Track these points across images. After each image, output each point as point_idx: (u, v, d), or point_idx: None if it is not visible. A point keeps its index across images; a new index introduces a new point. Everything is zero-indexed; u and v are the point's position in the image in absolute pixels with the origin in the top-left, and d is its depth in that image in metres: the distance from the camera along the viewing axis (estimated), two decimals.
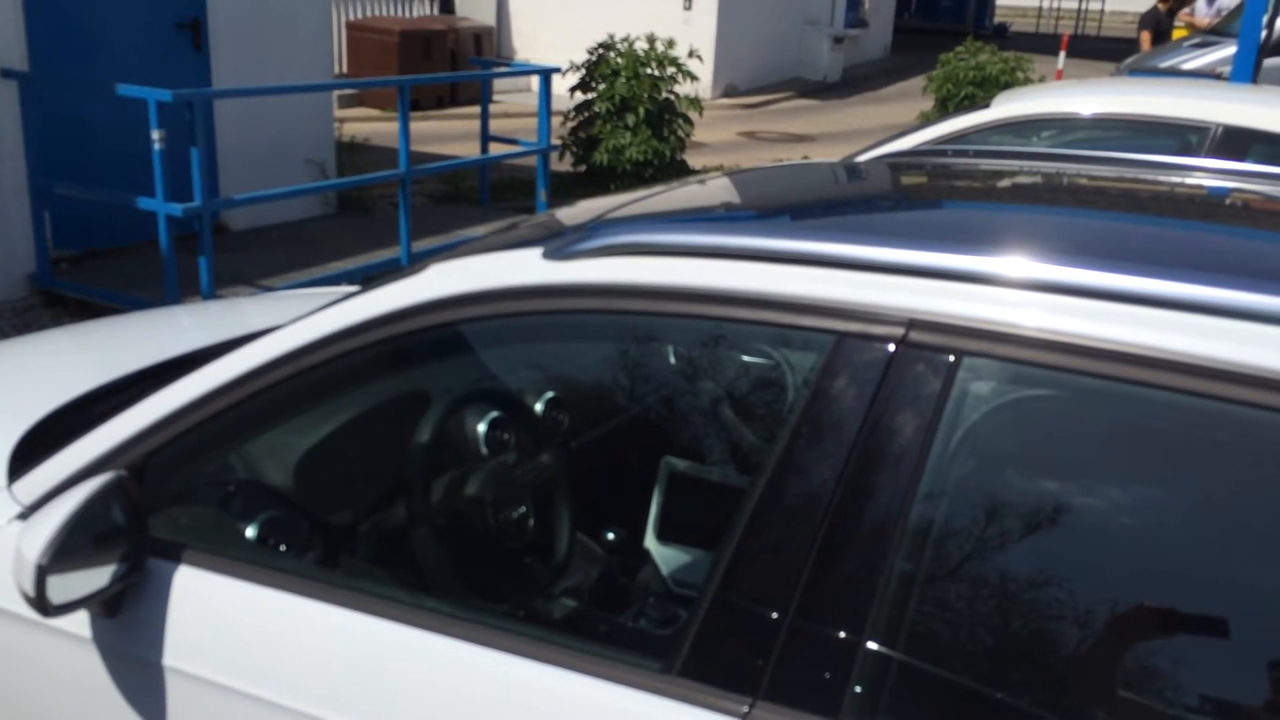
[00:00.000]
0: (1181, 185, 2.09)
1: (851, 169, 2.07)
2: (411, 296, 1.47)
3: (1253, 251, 1.34)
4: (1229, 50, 8.27)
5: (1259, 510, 1.85)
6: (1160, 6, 13.01)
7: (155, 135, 4.85)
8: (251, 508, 1.72)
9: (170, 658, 1.51)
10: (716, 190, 1.97)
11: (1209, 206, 1.93)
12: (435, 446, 1.85)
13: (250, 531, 1.69)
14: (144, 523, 1.51)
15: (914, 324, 1.21)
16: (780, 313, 1.27)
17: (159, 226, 5.00)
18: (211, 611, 1.52)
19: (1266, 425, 1.08)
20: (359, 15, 12.94)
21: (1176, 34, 13.17)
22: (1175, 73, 9.51)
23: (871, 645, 1.16)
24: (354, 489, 1.96)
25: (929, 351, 1.19)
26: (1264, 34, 7.40)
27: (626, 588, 2.15)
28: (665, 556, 2.19)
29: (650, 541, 2.20)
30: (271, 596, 1.49)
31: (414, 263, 1.61)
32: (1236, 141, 3.63)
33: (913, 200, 1.93)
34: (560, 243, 1.44)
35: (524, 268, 1.43)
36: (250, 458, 1.83)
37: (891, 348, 1.21)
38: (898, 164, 2.22)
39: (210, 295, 5.12)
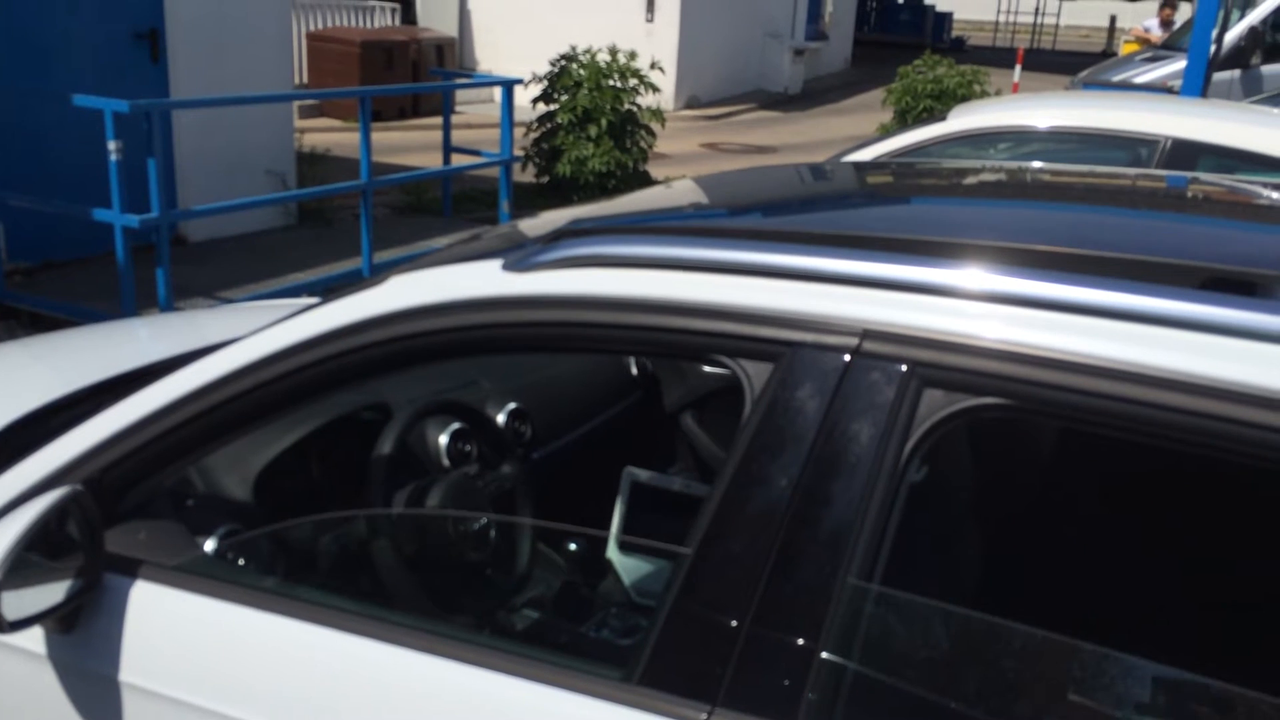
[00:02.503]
0: (1140, 187, 2.13)
1: (811, 176, 2.10)
2: (371, 308, 1.47)
3: (1205, 254, 1.37)
4: (1180, 64, 8.43)
5: (1213, 518, 1.90)
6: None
7: (112, 146, 4.80)
8: (210, 522, 1.71)
9: (127, 674, 1.50)
10: (677, 199, 1.99)
11: (1166, 206, 1.97)
12: (396, 459, 1.85)
13: (209, 545, 1.68)
14: (100, 538, 1.50)
15: (868, 334, 1.23)
16: (736, 323, 1.28)
17: (115, 238, 4.94)
18: (169, 626, 1.51)
19: (1221, 436, 1.10)
20: (320, 25, 12.88)
21: (1127, 48, 13.42)
22: (1128, 86, 9.69)
23: (827, 653, 1.17)
24: (314, 502, 1.95)
25: (883, 361, 1.21)
26: (1213, 48, 7.57)
27: (589, 598, 2.16)
28: (627, 567, 2.20)
29: (612, 552, 2.21)
30: (230, 611, 1.48)
31: (376, 274, 1.62)
32: (1185, 154, 3.71)
33: (869, 208, 1.96)
34: (520, 254, 1.45)
35: (484, 279, 1.43)
36: (209, 471, 1.82)
37: (846, 358, 1.23)
38: (857, 170, 2.25)
39: (168, 307, 5.07)
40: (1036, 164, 2.64)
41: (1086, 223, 1.69)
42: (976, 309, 1.20)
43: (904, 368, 1.20)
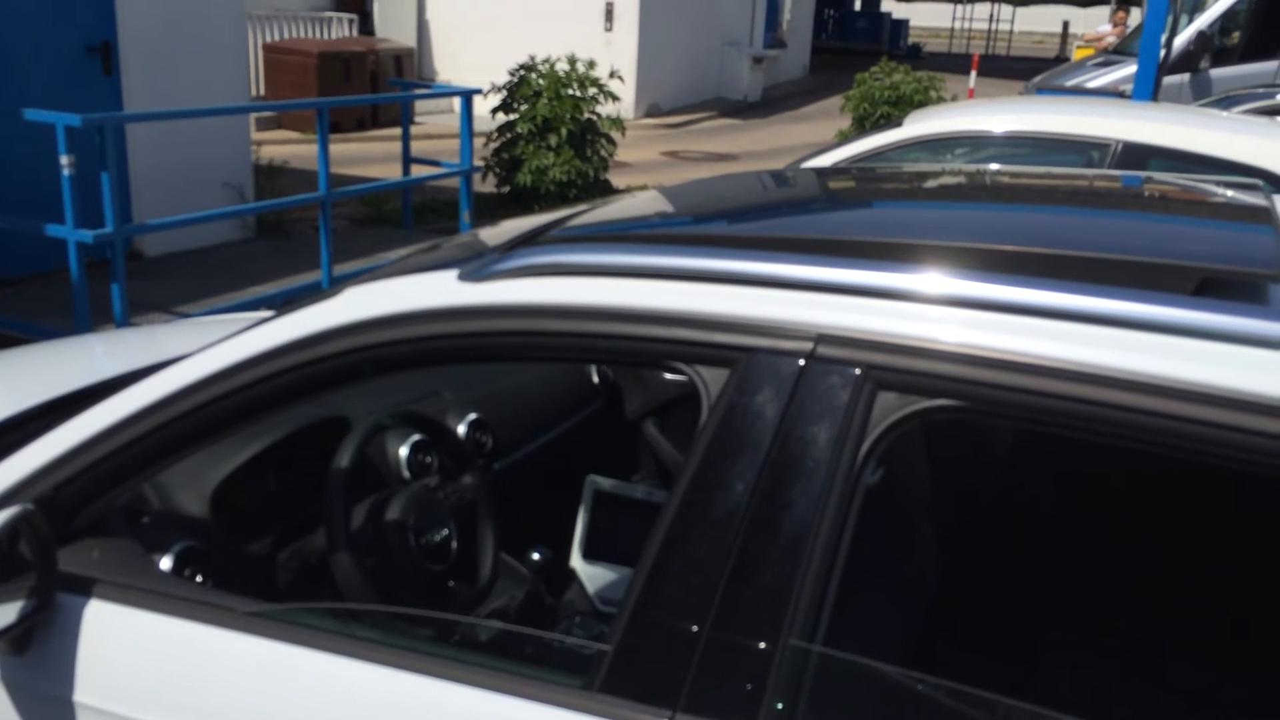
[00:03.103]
0: (1088, 188, 2.16)
1: (768, 182, 2.12)
2: (326, 320, 1.46)
3: (1152, 253, 1.39)
4: (1131, 69, 8.57)
5: (1168, 516, 1.93)
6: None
7: (65, 161, 4.74)
8: (166, 538, 1.69)
9: (82, 694, 1.48)
10: (636, 208, 1.99)
11: (1116, 206, 2.00)
12: (355, 471, 1.83)
13: (165, 563, 1.66)
14: (53, 557, 1.48)
15: (822, 338, 1.24)
16: (692, 329, 1.29)
17: (69, 254, 4.88)
18: (125, 646, 1.49)
19: (1174, 435, 1.12)
20: (276, 36, 12.78)
21: (1080, 53, 13.62)
22: (1080, 91, 9.83)
23: (788, 656, 1.18)
24: (273, 516, 1.94)
25: (837, 365, 1.23)
26: (1163, 53, 7.70)
27: (553, 607, 2.15)
28: (591, 575, 2.20)
29: (576, 561, 2.21)
30: (187, 629, 1.47)
31: (335, 287, 1.61)
32: (1135, 156, 3.77)
33: (824, 213, 1.98)
34: (476, 264, 1.45)
35: (440, 290, 1.43)
36: (164, 488, 1.80)
37: (801, 362, 1.24)
38: (813, 176, 2.27)
39: (124, 323, 5.01)
40: (988, 167, 2.67)
41: (1036, 224, 1.72)
42: (928, 312, 1.22)
43: (858, 371, 1.21)
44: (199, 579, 1.69)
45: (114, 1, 6.27)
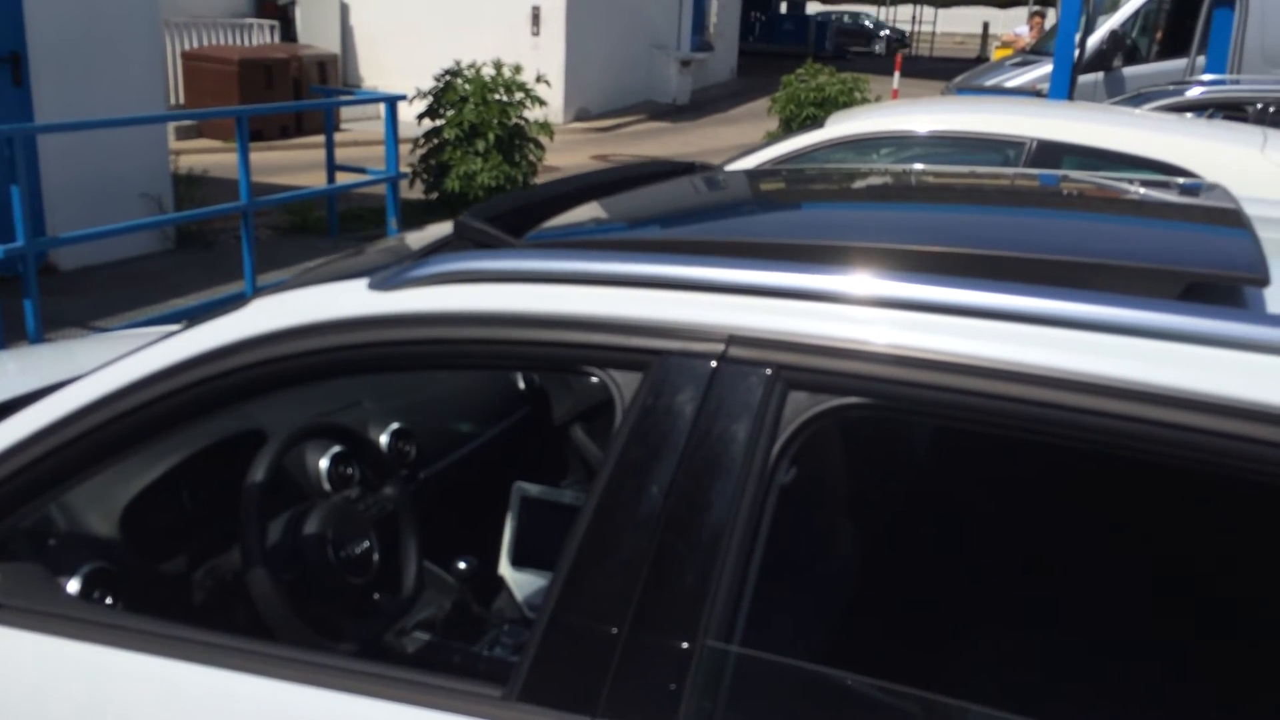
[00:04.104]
0: (1018, 185, 2.21)
1: (687, 185, 2.12)
2: (233, 333, 1.43)
3: (1053, 249, 1.42)
4: (1047, 68, 8.77)
5: (1084, 510, 1.97)
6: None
7: None
8: (73, 561, 1.64)
9: None
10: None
11: (1024, 203, 2.04)
12: (272, 485, 1.80)
13: (72, 585, 1.61)
14: None
15: (733, 339, 1.24)
16: (604, 334, 1.29)
17: None
18: (30, 672, 1.44)
19: (1084, 428, 1.13)
20: (195, 44, 12.54)
21: (999, 53, 13.91)
22: (999, 90, 10.04)
23: (706, 656, 1.18)
24: (188, 534, 1.89)
25: (748, 365, 1.23)
26: (1077, 53, 7.89)
27: (481, 616, 2.13)
28: (520, 582, 2.18)
29: (504, 568, 2.19)
30: (97, 653, 1.43)
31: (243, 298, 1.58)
32: (1049, 154, 3.85)
33: (739, 215, 1.99)
34: (387, 273, 1.43)
35: (350, 299, 1.41)
36: (71, 508, 1.75)
37: (712, 364, 1.24)
38: (732, 178, 2.28)
39: (38, 339, 4.87)
40: (902, 168, 2.71)
41: (945, 224, 1.74)
42: (838, 311, 1.23)
43: (769, 371, 1.22)
44: (109, 601, 1.65)
45: (22, 12, 6.10)
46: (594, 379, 1.33)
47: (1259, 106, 5.89)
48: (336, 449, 2.11)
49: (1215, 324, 1.12)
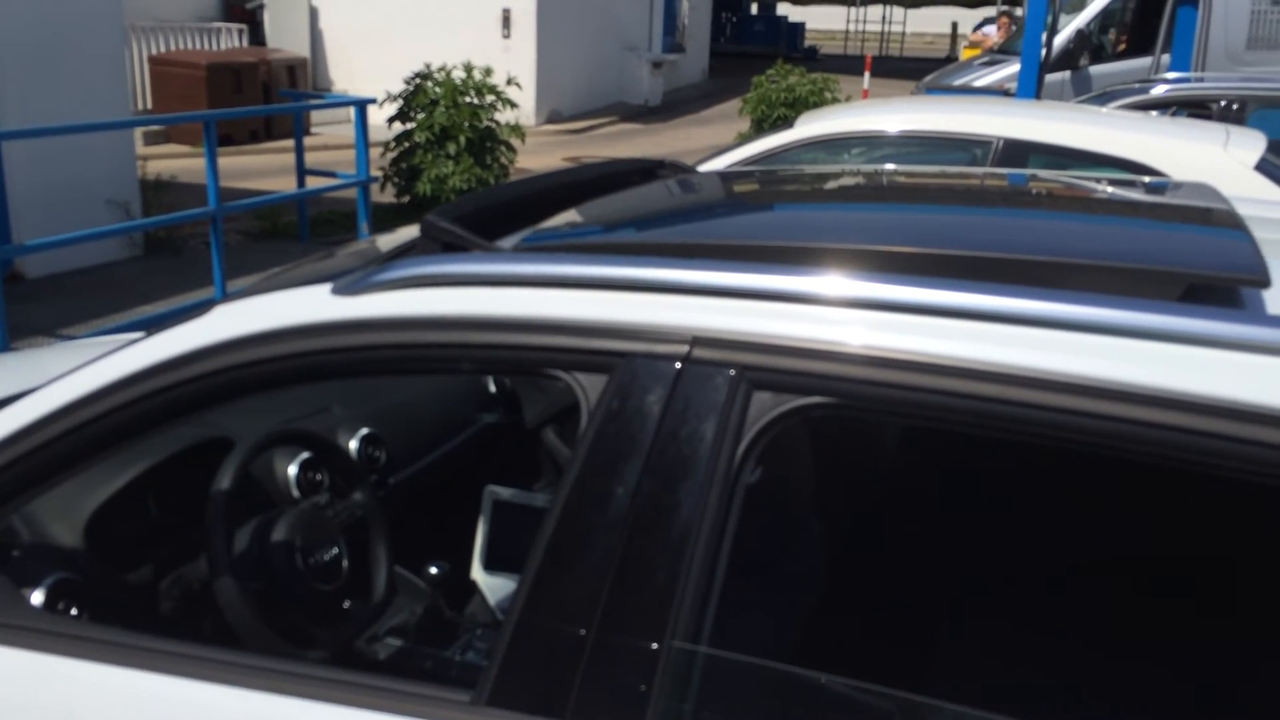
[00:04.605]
0: (962, 186, 2.22)
1: (655, 187, 2.12)
2: (195, 340, 1.42)
3: (1014, 248, 1.43)
4: (1015, 67, 8.83)
5: (1053, 503, 1.99)
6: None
7: None
8: (37, 571, 1.63)
9: None
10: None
11: (988, 203, 2.06)
12: (240, 492, 1.79)
13: (37, 597, 1.60)
14: None
15: (697, 340, 1.25)
16: (569, 336, 1.29)
17: None
18: None
19: (1045, 425, 1.14)
20: (162, 48, 12.42)
21: (967, 53, 14.01)
22: (968, 90, 10.11)
23: (674, 656, 1.18)
24: (155, 543, 1.88)
25: (712, 366, 1.23)
26: (1044, 52, 7.96)
27: (453, 621, 2.12)
28: (492, 586, 2.17)
29: (477, 572, 2.18)
30: (63, 665, 1.41)
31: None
32: (1015, 153, 3.89)
33: (705, 216, 1.99)
34: (350, 277, 1.43)
35: (313, 305, 1.40)
36: (35, 518, 1.73)
37: (677, 365, 1.25)
38: (701, 179, 2.29)
39: (4, 348, 4.81)
40: (868, 168, 2.72)
41: (910, 224, 1.75)
42: (801, 311, 1.23)
43: (733, 372, 1.23)
44: (74, 612, 1.63)
45: None
46: (559, 382, 1.33)
47: (1222, 104, 5.96)
48: (305, 455, 2.09)
49: (1209, 325, 1.12)
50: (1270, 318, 1.18)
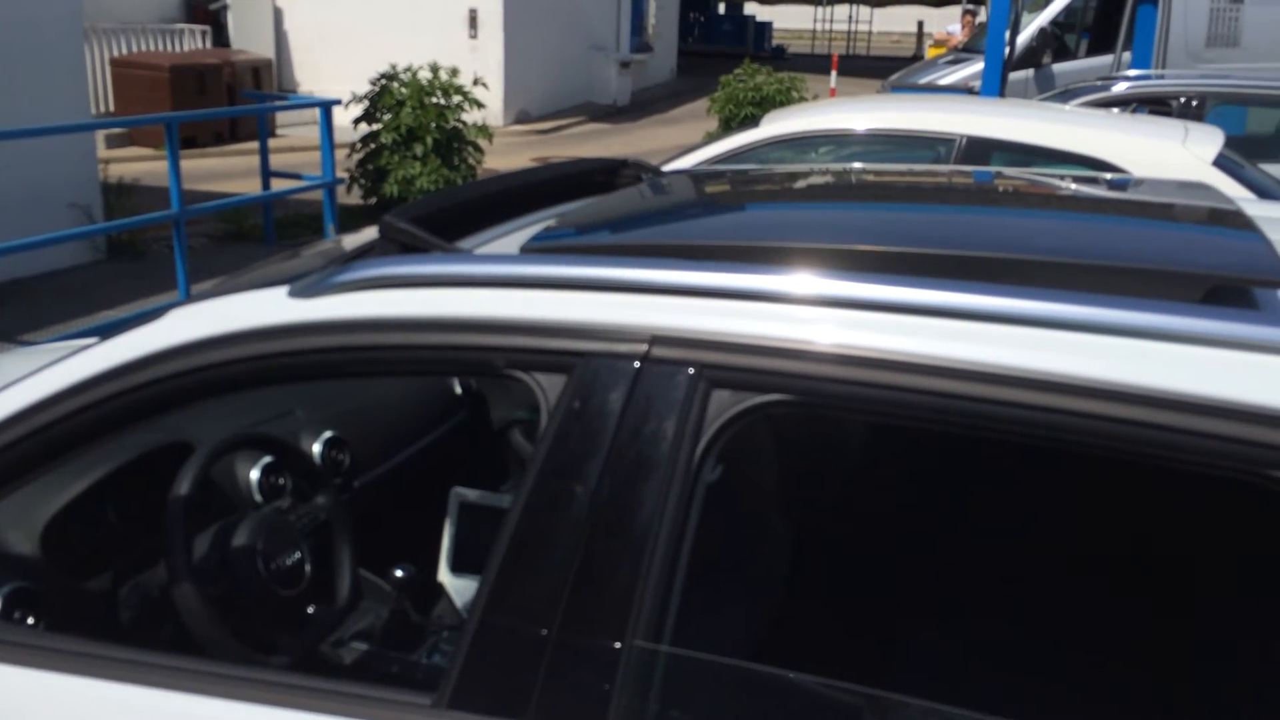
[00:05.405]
0: (922, 184, 2.23)
1: (615, 183, 2.12)
2: (150, 344, 1.41)
3: (965, 244, 1.44)
4: (979, 65, 8.90)
5: (1015, 500, 2.01)
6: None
7: None
8: None
9: None
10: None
11: (948, 201, 2.07)
12: (200, 498, 1.77)
13: None
14: None
15: (656, 339, 1.25)
16: (527, 336, 1.28)
17: None
18: None
19: (997, 419, 1.14)
20: (124, 50, 12.27)
21: (932, 51, 14.10)
22: (933, 88, 10.17)
23: (636, 655, 1.18)
24: (112, 550, 1.85)
25: (671, 365, 1.24)
26: (1007, 50, 8.02)
27: (419, 624, 2.11)
28: (460, 588, 2.16)
29: (444, 574, 2.17)
30: (20, 675, 1.39)
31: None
32: (978, 150, 3.91)
33: (666, 215, 1.99)
34: (307, 280, 1.42)
35: (269, 307, 1.39)
36: None
37: (636, 364, 1.25)
38: (663, 178, 2.29)
39: None
40: (832, 166, 2.73)
41: (869, 222, 1.76)
42: (758, 309, 1.24)
43: (691, 370, 1.23)
44: (31, 621, 1.61)
45: None
46: (520, 383, 1.32)
47: (1182, 100, 6.03)
48: (267, 460, 2.08)
49: (1206, 324, 1.12)
50: None
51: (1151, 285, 1.22)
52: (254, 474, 2.05)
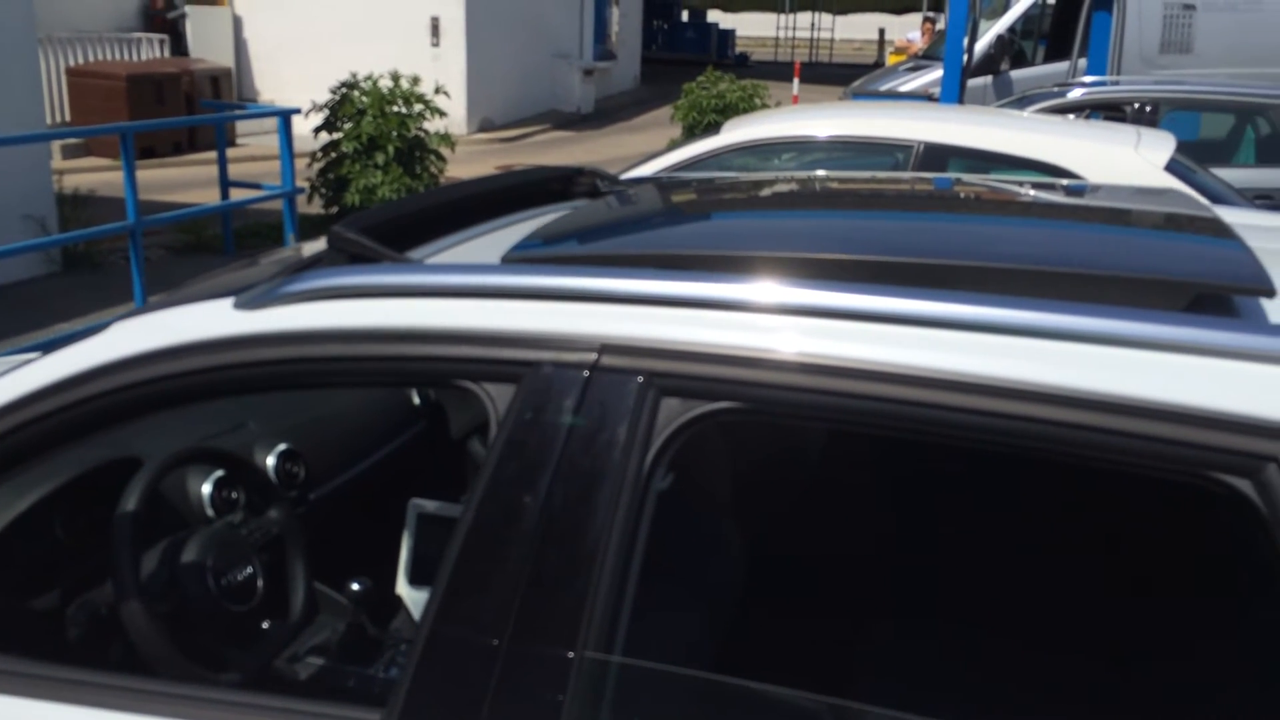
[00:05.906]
0: (912, 192, 2.24)
1: (569, 192, 2.11)
2: (93, 358, 1.38)
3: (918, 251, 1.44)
4: (939, 73, 8.98)
5: (974, 504, 2.02)
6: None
7: None
8: None
9: None
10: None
11: (898, 207, 2.08)
12: (149, 514, 1.74)
13: None
14: None
15: (605, 348, 1.24)
16: (475, 346, 1.28)
17: None
18: None
19: (942, 424, 1.15)
20: (81, 60, 12.11)
21: (893, 59, 14.22)
22: (893, 95, 10.25)
23: (588, 665, 1.18)
24: (59, 568, 1.82)
25: (621, 374, 1.23)
26: (966, 57, 8.10)
27: (377, 638, 2.09)
28: (418, 601, 2.14)
29: (402, 587, 2.15)
30: None
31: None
32: (935, 157, 3.95)
33: (621, 225, 1.99)
34: (254, 291, 1.40)
35: (214, 319, 1.37)
36: None
37: (585, 373, 1.24)
38: (619, 186, 2.29)
39: None
40: (789, 174, 2.73)
41: (822, 230, 1.77)
42: (706, 317, 1.24)
43: (641, 378, 1.22)
44: None
45: None
46: (469, 393, 1.31)
47: (1136, 106, 6.12)
48: (219, 474, 2.05)
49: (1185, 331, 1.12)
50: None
51: (1135, 294, 1.22)
52: (205, 488, 2.02)
